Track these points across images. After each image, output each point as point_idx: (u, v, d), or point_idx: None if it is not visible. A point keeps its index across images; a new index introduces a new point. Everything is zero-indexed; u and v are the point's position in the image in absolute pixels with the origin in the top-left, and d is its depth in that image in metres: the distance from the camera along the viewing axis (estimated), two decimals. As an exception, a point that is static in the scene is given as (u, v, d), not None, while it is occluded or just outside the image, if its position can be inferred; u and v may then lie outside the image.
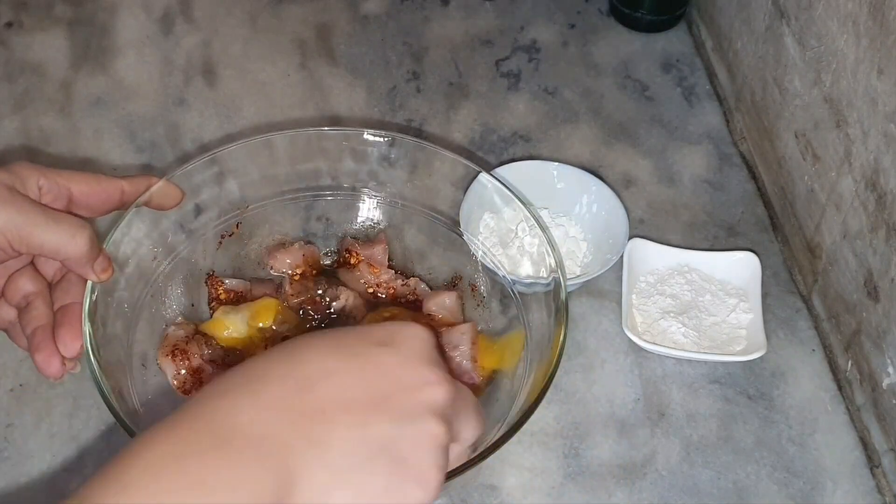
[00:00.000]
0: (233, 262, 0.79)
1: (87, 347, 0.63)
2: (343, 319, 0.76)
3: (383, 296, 0.79)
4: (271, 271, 0.79)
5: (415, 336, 0.50)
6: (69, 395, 0.75)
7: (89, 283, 0.64)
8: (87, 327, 0.63)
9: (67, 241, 0.60)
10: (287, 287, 0.77)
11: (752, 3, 0.93)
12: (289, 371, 0.47)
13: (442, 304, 0.77)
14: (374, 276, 0.79)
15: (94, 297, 0.64)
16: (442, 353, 0.58)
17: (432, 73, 1.03)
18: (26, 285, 0.64)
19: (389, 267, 0.80)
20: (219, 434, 0.43)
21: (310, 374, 0.47)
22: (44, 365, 0.62)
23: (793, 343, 0.82)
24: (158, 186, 0.69)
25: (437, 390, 0.48)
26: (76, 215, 0.63)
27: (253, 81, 1.01)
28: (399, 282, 0.79)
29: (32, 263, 0.65)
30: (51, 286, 0.66)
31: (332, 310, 0.76)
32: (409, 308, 0.78)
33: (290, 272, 0.79)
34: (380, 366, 0.48)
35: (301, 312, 0.76)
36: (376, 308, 0.77)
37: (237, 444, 0.43)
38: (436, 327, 0.74)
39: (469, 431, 0.51)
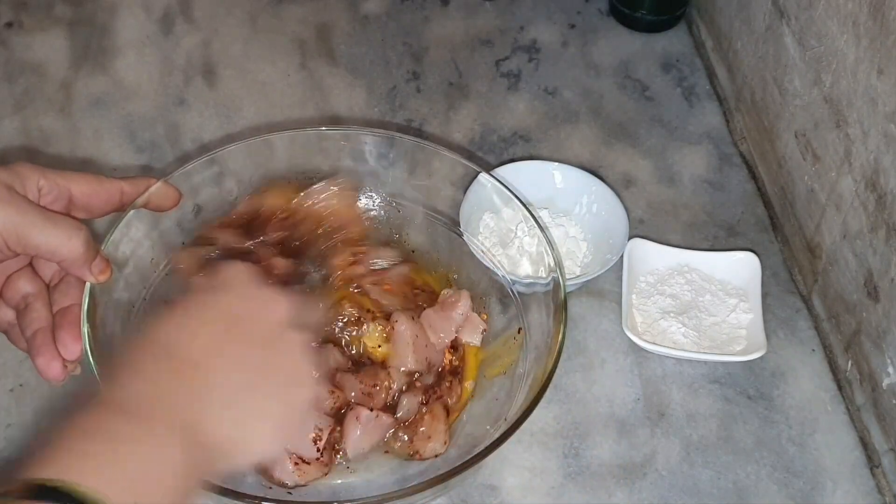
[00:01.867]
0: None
1: (85, 349, 0.62)
2: None
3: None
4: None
5: (237, 270, 0.59)
6: (69, 395, 0.75)
7: (88, 285, 0.64)
8: (85, 328, 0.63)
9: (64, 243, 0.61)
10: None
11: (752, 3, 0.93)
12: (156, 350, 0.53)
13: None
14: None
15: (92, 299, 0.64)
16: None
17: (432, 73, 1.03)
18: (25, 286, 0.64)
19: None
20: (120, 408, 0.48)
21: (172, 342, 0.53)
22: (45, 368, 0.62)
23: (793, 343, 0.82)
24: (157, 187, 0.69)
25: (277, 306, 0.57)
26: (75, 217, 0.63)
27: (253, 81, 1.01)
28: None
29: (31, 265, 0.65)
30: (49, 288, 0.66)
31: None
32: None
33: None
34: (222, 308, 0.56)
35: None
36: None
37: (136, 413, 0.48)
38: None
39: (313, 316, 0.62)
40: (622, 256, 0.82)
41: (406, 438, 0.70)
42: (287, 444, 0.61)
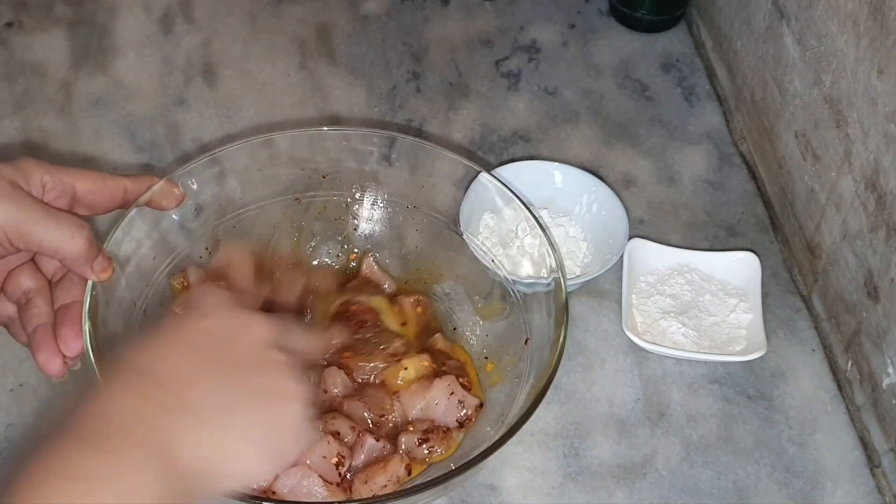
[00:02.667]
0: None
1: (86, 347, 0.63)
2: None
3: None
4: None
5: (209, 294, 0.58)
6: (69, 395, 0.75)
7: (90, 282, 0.64)
8: (87, 326, 0.63)
9: (66, 240, 0.61)
10: None
11: (752, 3, 0.93)
12: (131, 376, 0.51)
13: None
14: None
15: (94, 297, 0.64)
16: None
17: (432, 73, 1.03)
18: (26, 282, 0.64)
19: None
20: (84, 434, 0.47)
21: (148, 368, 0.51)
22: (45, 364, 0.62)
23: (793, 343, 0.82)
24: (159, 186, 0.69)
25: (257, 328, 0.55)
26: (78, 214, 0.63)
27: (253, 81, 1.01)
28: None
29: (33, 261, 0.65)
30: (52, 284, 0.66)
31: None
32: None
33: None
34: (200, 332, 0.54)
35: None
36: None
37: (101, 437, 0.46)
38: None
39: (304, 344, 0.59)
40: (622, 256, 0.82)
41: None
42: (278, 463, 0.56)
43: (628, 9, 1.07)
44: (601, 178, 0.87)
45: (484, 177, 0.76)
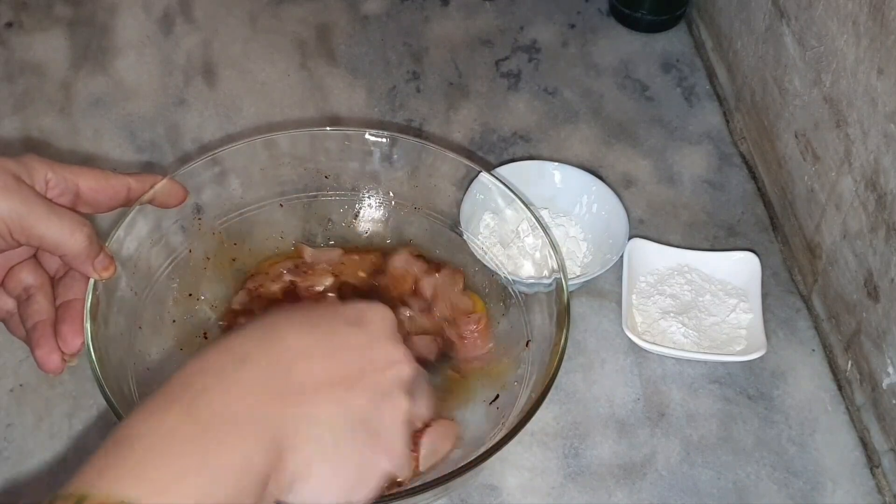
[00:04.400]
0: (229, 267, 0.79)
1: (88, 345, 0.63)
2: None
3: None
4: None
5: (381, 316, 0.55)
6: (69, 395, 0.75)
7: (92, 281, 0.64)
8: (88, 325, 0.63)
9: (67, 237, 0.61)
10: None
11: (752, 3, 0.93)
12: (266, 351, 0.49)
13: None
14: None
15: (96, 295, 0.64)
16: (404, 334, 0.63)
17: (432, 73, 1.03)
18: (27, 278, 0.64)
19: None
20: (204, 417, 0.45)
21: (287, 354, 0.50)
22: (43, 360, 0.62)
23: (793, 343, 0.82)
24: (162, 184, 0.69)
25: (403, 368, 0.53)
26: (80, 212, 0.63)
27: (253, 81, 1.01)
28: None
29: (35, 257, 0.66)
30: (54, 281, 0.66)
31: None
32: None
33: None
34: (352, 345, 0.52)
35: None
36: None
37: (233, 423, 0.45)
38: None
39: (424, 408, 0.56)
40: (622, 256, 0.82)
41: None
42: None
43: (628, 9, 1.07)
44: (601, 178, 0.87)
45: (484, 177, 0.76)
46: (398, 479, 0.60)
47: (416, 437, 0.68)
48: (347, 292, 0.78)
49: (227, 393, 0.47)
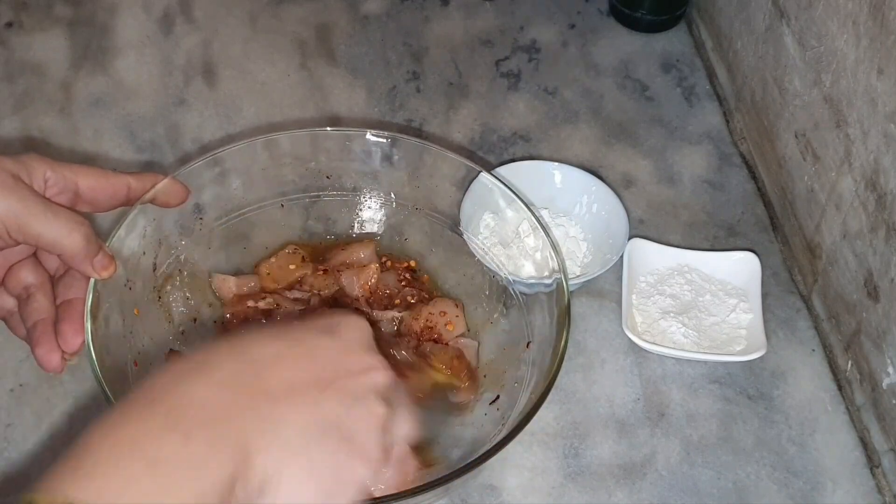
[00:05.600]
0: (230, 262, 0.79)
1: (88, 345, 0.63)
2: None
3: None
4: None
5: (356, 326, 0.54)
6: (69, 394, 0.75)
7: (92, 280, 0.64)
8: (88, 324, 0.63)
9: (64, 236, 0.61)
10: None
11: (752, 3, 0.93)
12: (238, 356, 0.49)
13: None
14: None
15: (96, 294, 0.64)
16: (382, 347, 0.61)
17: (432, 73, 1.03)
18: (27, 277, 0.64)
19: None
20: (173, 415, 0.44)
21: (259, 358, 0.49)
22: (44, 359, 0.62)
23: (793, 343, 0.82)
24: (164, 184, 0.69)
25: (378, 374, 0.52)
26: (80, 212, 0.63)
27: (253, 81, 1.01)
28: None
29: (35, 256, 0.66)
30: (54, 279, 0.66)
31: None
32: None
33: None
34: (324, 351, 0.51)
35: None
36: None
37: (193, 425, 0.44)
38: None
39: (404, 427, 0.53)
40: (622, 256, 0.82)
41: None
42: None
43: (628, 9, 1.07)
44: (601, 178, 0.87)
45: (484, 177, 0.76)
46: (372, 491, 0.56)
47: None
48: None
49: (188, 398, 0.46)
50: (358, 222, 0.82)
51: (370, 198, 0.82)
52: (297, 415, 0.48)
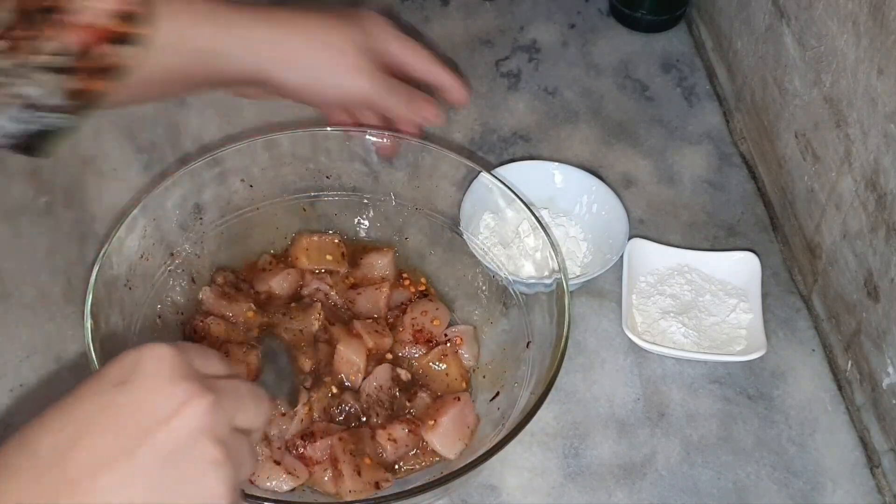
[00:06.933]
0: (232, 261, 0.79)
1: (88, 345, 0.63)
2: None
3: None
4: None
5: (154, 357, 0.47)
6: (69, 394, 0.75)
7: (92, 280, 0.64)
8: (88, 324, 0.63)
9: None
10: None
11: (752, 3, 0.93)
12: (28, 454, 0.44)
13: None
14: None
15: (96, 295, 0.65)
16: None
17: (432, 73, 1.03)
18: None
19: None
20: None
21: (58, 444, 0.44)
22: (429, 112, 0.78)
23: (793, 343, 0.82)
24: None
25: (195, 404, 0.46)
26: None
27: (253, 81, 1.00)
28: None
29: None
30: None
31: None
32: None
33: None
34: (126, 408, 0.45)
35: None
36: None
37: None
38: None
39: (249, 419, 0.49)
40: (622, 256, 0.82)
41: None
42: None
43: (628, 9, 1.07)
44: (601, 178, 0.87)
45: (484, 177, 0.77)
46: None
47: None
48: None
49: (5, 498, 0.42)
50: (358, 222, 0.82)
51: (370, 198, 0.81)
52: (108, 497, 0.43)
